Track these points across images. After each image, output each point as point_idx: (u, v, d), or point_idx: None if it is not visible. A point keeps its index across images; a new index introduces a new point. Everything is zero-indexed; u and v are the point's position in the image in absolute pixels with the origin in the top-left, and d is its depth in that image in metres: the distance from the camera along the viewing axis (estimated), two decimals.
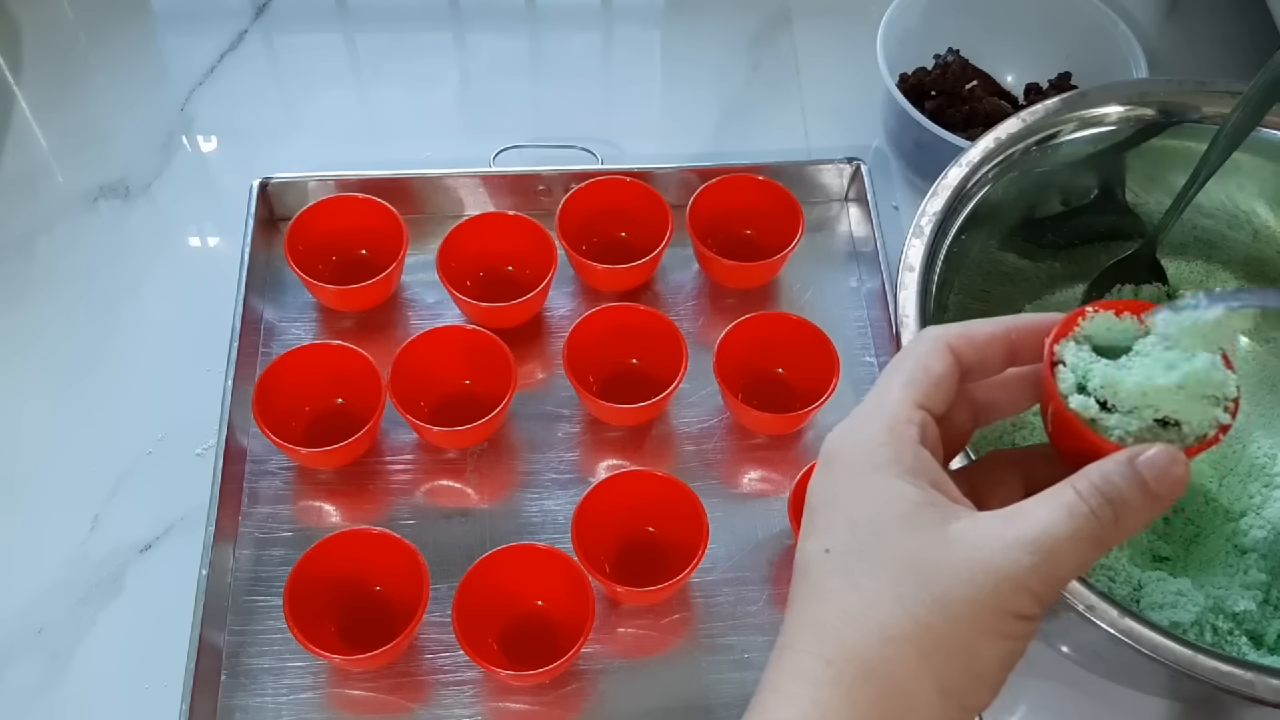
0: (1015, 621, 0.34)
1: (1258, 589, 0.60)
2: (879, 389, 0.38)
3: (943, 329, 0.39)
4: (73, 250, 0.77)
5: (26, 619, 0.64)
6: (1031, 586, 0.33)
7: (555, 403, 0.71)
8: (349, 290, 0.71)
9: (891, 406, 0.37)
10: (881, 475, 0.36)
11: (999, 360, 0.39)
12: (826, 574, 0.36)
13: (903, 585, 0.34)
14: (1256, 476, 0.65)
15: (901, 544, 0.35)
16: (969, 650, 0.34)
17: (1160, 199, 0.68)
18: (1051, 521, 0.34)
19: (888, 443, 0.36)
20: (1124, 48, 0.78)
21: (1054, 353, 0.37)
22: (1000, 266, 0.69)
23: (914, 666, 0.34)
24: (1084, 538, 0.33)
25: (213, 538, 0.63)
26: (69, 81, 0.85)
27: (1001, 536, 0.34)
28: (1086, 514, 0.34)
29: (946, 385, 0.38)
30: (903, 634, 0.34)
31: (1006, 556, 0.33)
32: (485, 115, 0.86)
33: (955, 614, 0.34)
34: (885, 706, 0.34)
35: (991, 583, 0.33)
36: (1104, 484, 0.34)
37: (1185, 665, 0.49)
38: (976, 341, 0.38)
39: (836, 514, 0.37)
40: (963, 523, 0.35)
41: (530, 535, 0.66)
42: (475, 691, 0.61)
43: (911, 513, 0.35)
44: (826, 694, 0.34)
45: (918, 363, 0.38)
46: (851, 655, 0.34)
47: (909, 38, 0.81)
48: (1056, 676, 0.63)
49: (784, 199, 0.74)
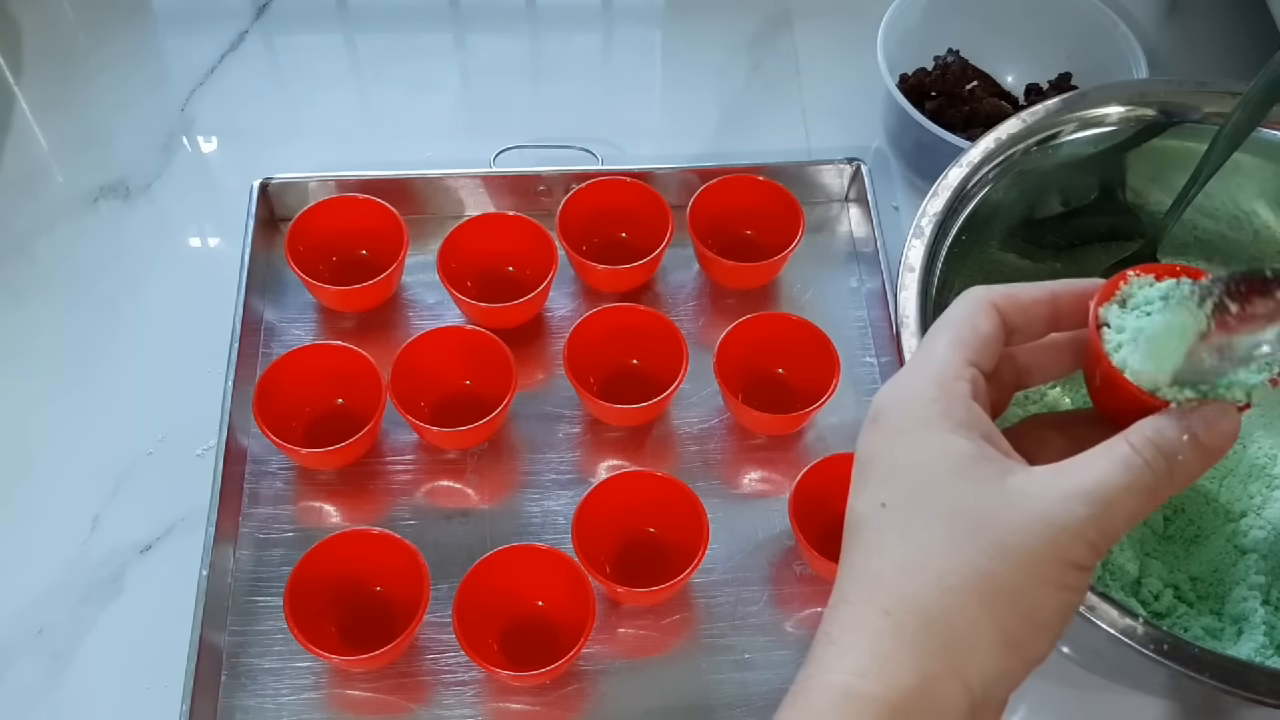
0: (1073, 571, 0.34)
1: (1258, 589, 0.60)
2: (926, 347, 0.39)
3: (987, 289, 0.39)
4: (73, 250, 0.77)
5: (26, 619, 0.64)
6: (1089, 536, 0.34)
7: (555, 403, 0.71)
8: (349, 291, 0.71)
9: (941, 363, 0.37)
10: (934, 430, 0.36)
11: (1042, 324, 0.39)
12: (882, 528, 0.36)
13: (961, 535, 0.34)
14: (1257, 477, 0.65)
15: (958, 496, 0.35)
16: (1029, 599, 0.34)
17: (1161, 199, 0.68)
18: (1107, 473, 0.34)
19: (939, 398, 0.37)
20: (1124, 48, 0.78)
21: (1098, 315, 0.38)
22: (1001, 267, 0.69)
23: (976, 615, 0.34)
24: (1139, 489, 0.34)
25: (213, 538, 0.63)
26: (69, 82, 0.85)
27: (1058, 488, 0.34)
28: (1141, 466, 0.34)
29: (994, 344, 0.38)
30: (964, 583, 0.34)
31: (1064, 507, 0.34)
32: (485, 116, 0.86)
33: (1015, 562, 0.34)
34: (946, 655, 0.34)
35: (1050, 533, 0.34)
36: (1157, 437, 0.34)
37: (1185, 665, 0.49)
38: (1021, 303, 0.39)
39: (890, 469, 0.37)
40: (1018, 476, 0.35)
41: (530, 536, 0.66)
42: (476, 692, 0.61)
43: (966, 465, 0.35)
44: (885, 644, 0.34)
45: (965, 321, 0.38)
46: (911, 606, 0.34)
47: (909, 38, 0.81)
48: (1056, 676, 0.63)
49: (784, 199, 0.74)
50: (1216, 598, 0.60)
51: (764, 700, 0.61)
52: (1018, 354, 0.41)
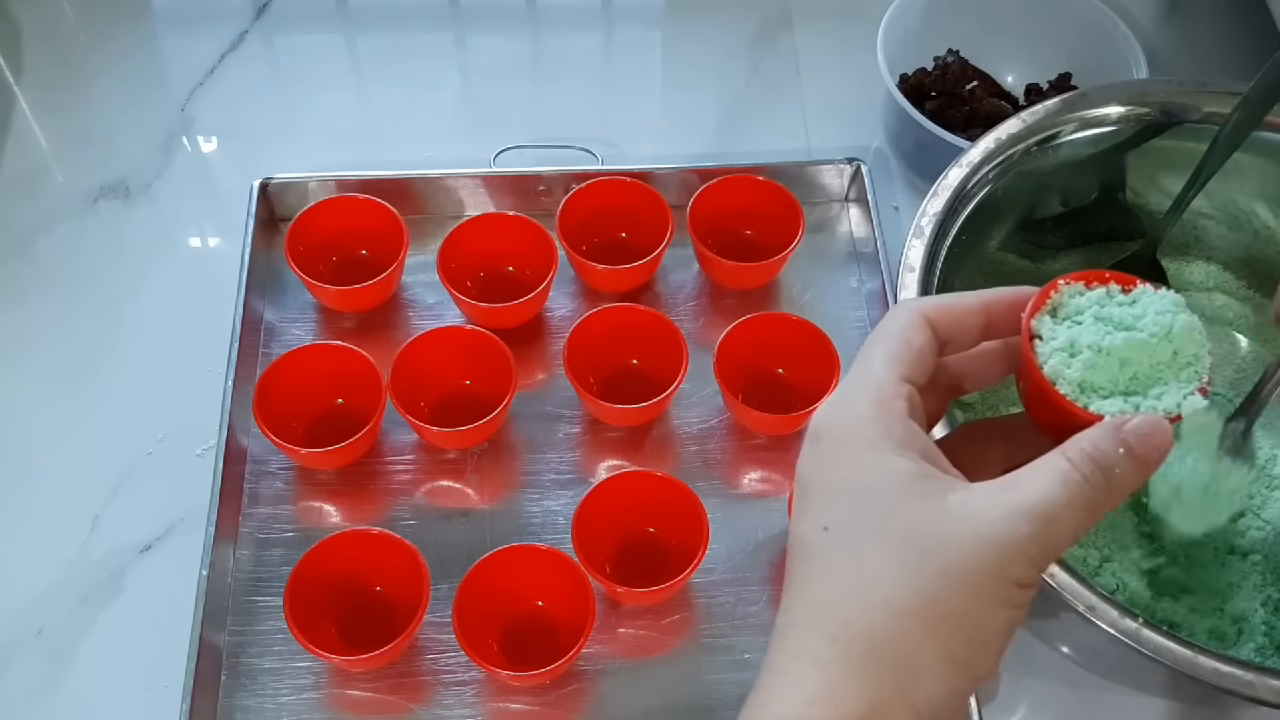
0: (1016, 589, 0.34)
1: (1257, 590, 0.60)
2: (862, 364, 0.38)
3: (919, 301, 0.39)
4: (73, 250, 0.77)
5: (26, 619, 0.64)
6: (1031, 554, 0.34)
7: (555, 403, 0.71)
8: (349, 291, 0.71)
9: (878, 381, 0.37)
10: (874, 450, 0.36)
11: (975, 333, 0.39)
12: (826, 551, 0.36)
13: (907, 559, 0.34)
14: (1257, 477, 0.65)
15: (901, 517, 0.35)
16: (974, 619, 0.34)
17: (1160, 199, 0.68)
18: (1047, 490, 0.34)
19: (877, 417, 0.37)
20: (1124, 48, 0.78)
21: (1031, 327, 0.38)
22: (1000, 267, 0.69)
23: (921, 639, 0.34)
24: (1079, 504, 0.34)
25: (213, 538, 0.63)
26: (69, 82, 0.85)
27: (1000, 506, 0.34)
28: (1080, 481, 0.34)
29: (928, 358, 0.38)
30: (909, 607, 0.34)
31: (1007, 525, 0.34)
32: (485, 116, 0.86)
33: (960, 584, 0.34)
34: (894, 681, 0.34)
35: (993, 552, 0.34)
36: (1094, 451, 0.34)
37: (1185, 665, 0.49)
38: (954, 314, 0.39)
39: (831, 491, 0.37)
40: (959, 494, 0.35)
41: (530, 536, 0.66)
42: (476, 692, 0.61)
43: (908, 486, 0.35)
44: (834, 672, 0.34)
45: (898, 336, 0.38)
46: (857, 632, 0.34)
47: (909, 38, 0.81)
48: (1056, 676, 0.63)
49: (784, 199, 0.74)
50: (1216, 598, 0.60)
51: None
52: (950, 363, 0.41)
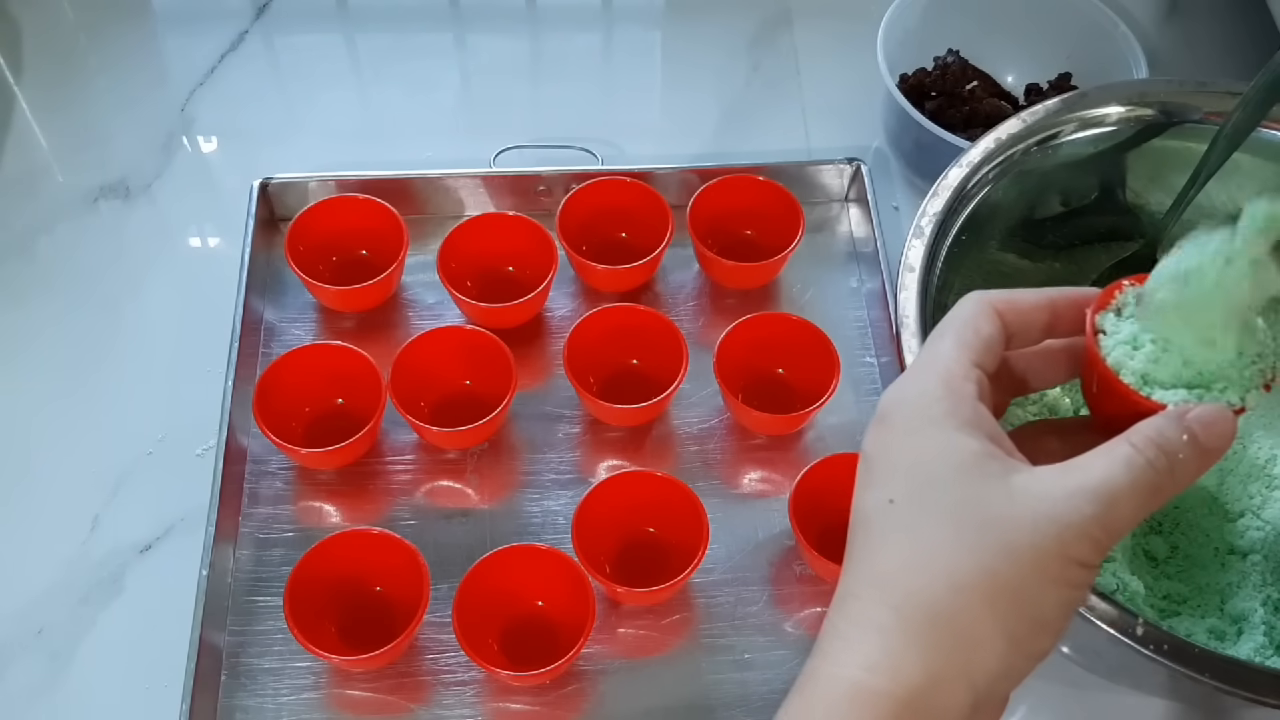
0: (1078, 569, 0.35)
1: (1256, 590, 0.60)
2: (930, 349, 0.39)
3: (988, 293, 0.40)
4: (73, 250, 0.77)
5: (26, 619, 0.64)
6: (1094, 534, 0.34)
7: (555, 403, 0.71)
8: (349, 291, 0.71)
9: (946, 362, 0.38)
10: (940, 428, 0.37)
11: (1039, 329, 0.40)
12: (890, 524, 0.37)
13: (969, 534, 0.35)
14: (1257, 477, 0.65)
15: (965, 494, 0.35)
16: (1034, 597, 0.35)
17: (1161, 199, 0.68)
18: (1111, 473, 0.35)
19: (944, 396, 0.37)
20: (1124, 48, 0.78)
21: (1095, 323, 0.39)
22: (1001, 267, 0.69)
23: (981, 613, 0.34)
24: (1142, 488, 0.35)
25: (213, 538, 0.63)
26: (69, 82, 0.85)
27: (1063, 487, 0.35)
28: (1144, 465, 0.35)
29: (996, 347, 0.39)
30: (970, 581, 0.34)
31: (1070, 505, 0.34)
32: (485, 116, 0.86)
33: (1022, 561, 0.34)
34: (953, 653, 0.35)
35: (1055, 530, 0.34)
36: (1158, 436, 0.35)
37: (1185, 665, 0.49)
38: (1021, 308, 0.40)
39: (896, 466, 0.37)
40: (1023, 475, 0.36)
41: (530, 536, 0.66)
42: (476, 692, 0.61)
43: (973, 464, 0.36)
44: (894, 641, 0.35)
45: (967, 324, 0.39)
46: (919, 603, 0.35)
47: (909, 38, 0.81)
48: (1056, 676, 0.63)
49: (784, 199, 0.74)
50: (1216, 597, 0.60)
51: (764, 700, 0.61)
52: (1015, 359, 0.42)
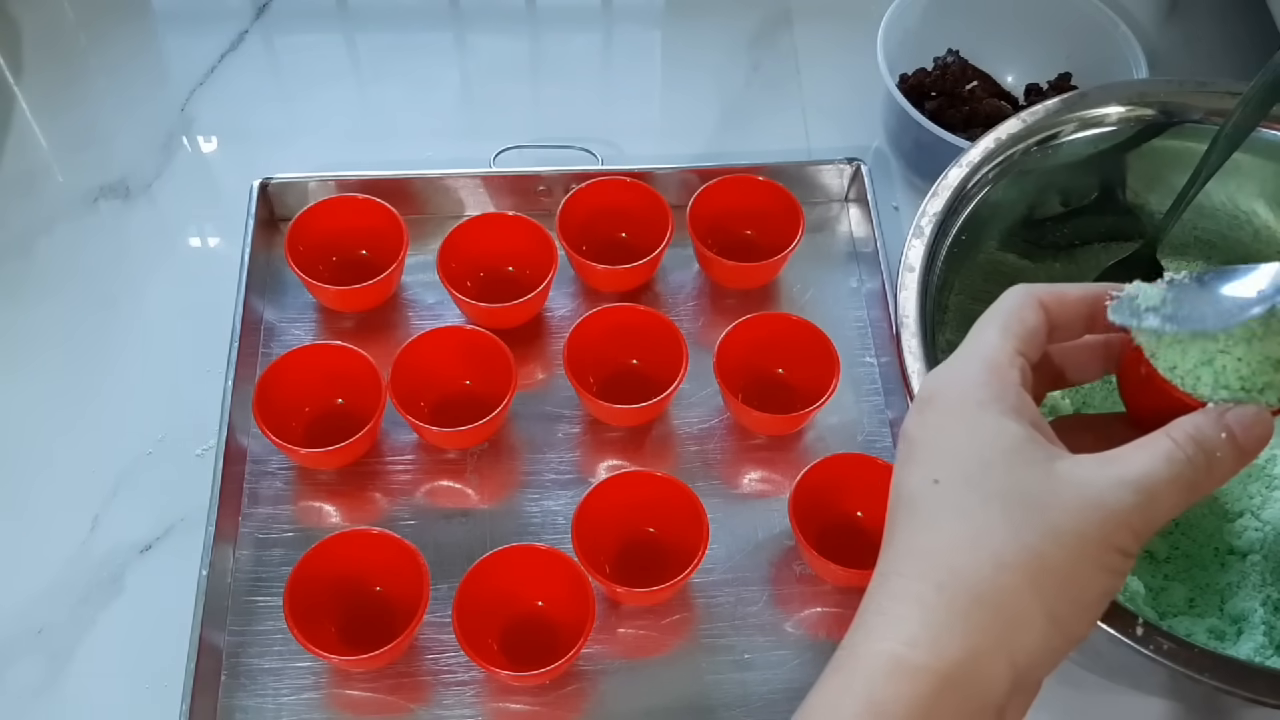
0: (1118, 556, 0.35)
1: (1256, 590, 0.60)
2: (975, 337, 0.40)
3: (1033, 285, 0.41)
4: (73, 250, 0.77)
5: (26, 619, 0.64)
6: (1134, 524, 0.35)
7: (555, 403, 0.71)
8: (349, 291, 0.71)
9: (992, 349, 0.39)
10: (986, 412, 0.37)
11: (1081, 324, 0.41)
12: (935, 504, 0.37)
13: (1015, 515, 0.35)
14: (1257, 477, 0.65)
15: (1011, 476, 0.36)
16: (1077, 580, 0.35)
17: (1160, 199, 0.68)
18: (1152, 465, 0.35)
19: (990, 382, 0.38)
20: (1124, 48, 0.78)
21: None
22: (1001, 267, 0.69)
23: (1024, 593, 0.35)
24: (1181, 483, 0.35)
25: (213, 538, 0.63)
26: (69, 82, 0.85)
27: (1106, 475, 0.36)
28: (1183, 461, 0.35)
29: (1040, 337, 0.40)
30: (1015, 561, 0.35)
31: (1113, 493, 0.35)
32: (485, 115, 0.86)
33: (1066, 544, 0.35)
34: (995, 631, 0.35)
35: (1099, 517, 0.35)
36: (1197, 433, 0.36)
37: (1185, 665, 0.48)
38: (1064, 301, 0.40)
39: (941, 447, 0.38)
40: (1066, 461, 0.36)
41: (530, 536, 0.66)
42: (475, 692, 0.61)
43: (1018, 448, 0.36)
44: (937, 616, 0.35)
45: (1013, 313, 0.40)
46: (963, 581, 0.35)
47: (909, 38, 0.81)
48: (1057, 676, 0.62)
49: (784, 199, 0.74)
50: (1216, 597, 0.60)
51: (764, 700, 0.61)
52: (1054, 352, 0.42)
